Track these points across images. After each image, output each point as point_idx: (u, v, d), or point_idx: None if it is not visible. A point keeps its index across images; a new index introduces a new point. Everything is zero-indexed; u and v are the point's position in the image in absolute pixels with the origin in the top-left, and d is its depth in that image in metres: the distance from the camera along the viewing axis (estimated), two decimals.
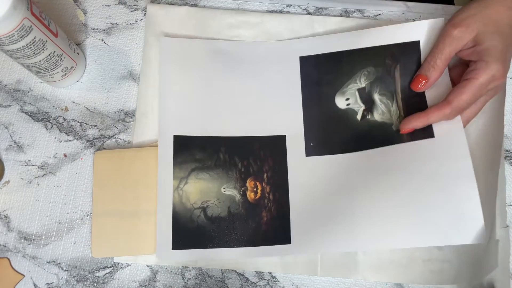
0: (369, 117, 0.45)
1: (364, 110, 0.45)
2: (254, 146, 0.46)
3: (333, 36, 0.48)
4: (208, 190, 0.44)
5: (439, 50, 0.41)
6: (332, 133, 0.46)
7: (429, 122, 0.41)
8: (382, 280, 0.42)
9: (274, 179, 0.45)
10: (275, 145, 0.46)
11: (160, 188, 0.44)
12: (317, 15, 0.50)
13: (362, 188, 0.42)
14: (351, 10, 0.51)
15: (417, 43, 0.45)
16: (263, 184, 0.45)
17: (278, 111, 0.47)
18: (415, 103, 0.44)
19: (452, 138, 0.41)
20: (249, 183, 0.45)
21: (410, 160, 0.42)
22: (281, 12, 0.51)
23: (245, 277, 0.43)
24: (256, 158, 0.46)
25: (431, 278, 0.42)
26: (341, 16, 0.50)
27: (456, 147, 0.41)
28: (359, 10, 0.51)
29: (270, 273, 0.43)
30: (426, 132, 0.42)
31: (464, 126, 0.41)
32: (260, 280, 0.43)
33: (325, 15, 0.50)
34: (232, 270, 0.43)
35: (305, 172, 0.45)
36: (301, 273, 0.43)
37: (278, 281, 0.43)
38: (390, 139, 0.44)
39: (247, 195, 0.44)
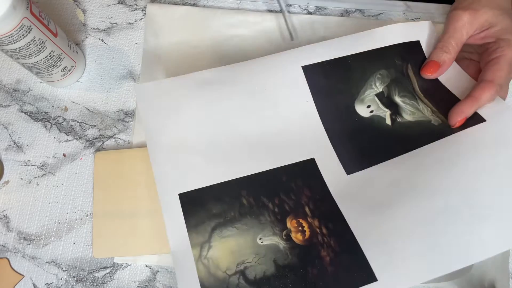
0: (399, 120, 0.41)
1: (391, 114, 0.41)
2: (281, 178, 0.38)
3: (332, 41, 0.44)
4: (240, 248, 0.35)
5: (450, 35, 0.41)
6: (366, 143, 0.40)
7: (480, 106, 0.38)
8: None
9: (319, 210, 0.36)
10: (306, 172, 0.38)
11: (178, 264, 0.34)
12: (317, 14, 0.50)
13: (428, 192, 0.35)
14: (351, 9, 0.51)
15: (417, 43, 0.44)
16: (308, 219, 0.36)
17: (296, 133, 0.40)
18: (441, 97, 0.42)
19: (505, 117, 0.37)
20: (290, 223, 0.36)
21: (471, 149, 0.37)
22: (281, 11, 0.50)
23: None
24: (288, 191, 0.37)
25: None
26: (342, 16, 0.50)
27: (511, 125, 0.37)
28: (360, 10, 0.51)
29: None
30: (475, 118, 0.39)
31: None
32: None
33: (325, 14, 0.50)
34: None
35: (353, 192, 0.37)
36: None
37: None
38: (435, 134, 0.39)
39: (293, 238, 0.35)
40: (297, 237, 0.35)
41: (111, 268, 0.42)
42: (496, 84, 0.38)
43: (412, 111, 0.41)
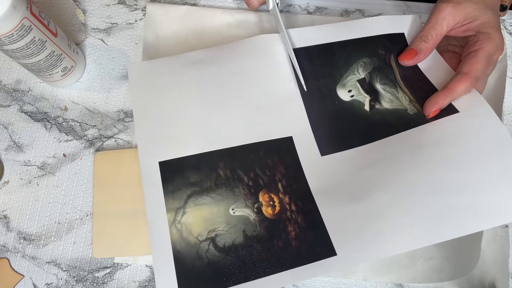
0: (378, 106, 0.42)
1: (370, 100, 0.43)
2: (258, 153, 0.40)
3: (319, 27, 0.45)
4: (213, 216, 0.37)
5: (431, 26, 0.41)
6: (343, 127, 0.42)
7: (455, 98, 0.39)
8: (383, 280, 0.42)
9: (291, 187, 0.38)
10: (283, 149, 0.40)
11: (152, 226, 0.37)
12: (317, 15, 0.50)
13: (395, 177, 0.37)
14: (351, 10, 0.51)
15: (402, 35, 0.45)
16: (280, 195, 0.38)
17: (277, 111, 0.42)
18: (421, 87, 0.43)
19: (478, 110, 0.38)
20: (263, 197, 0.38)
21: (441, 139, 0.38)
22: (281, 12, 0.50)
23: None
24: (263, 167, 0.39)
25: (433, 276, 0.42)
26: (342, 16, 0.50)
27: (484, 117, 0.37)
28: (360, 10, 0.51)
29: None
30: (449, 109, 0.39)
31: None
32: None
33: (325, 14, 0.50)
34: None
35: (325, 173, 0.39)
36: None
37: None
38: (409, 123, 0.40)
39: (263, 211, 0.37)
40: (267, 211, 0.37)
41: (111, 268, 0.42)
42: (471, 77, 0.39)
43: (391, 98, 0.43)
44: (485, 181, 0.35)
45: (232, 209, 0.38)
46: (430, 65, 0.44)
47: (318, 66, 0.44)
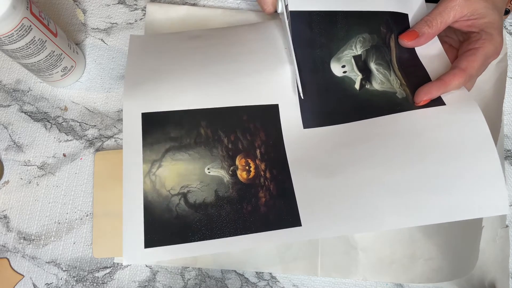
0: (368, 86, 0.42)
1: (362, 79, 0.42)
2: (242, 117, 0.40)
3: None
4: (188, 173, 0.38)
5: (439, 12, 0.41)
6: (330, 102, 0.41)
7: (447, 91, 0.39)
8: (383, 280, 0.42)
9: (269, 155, 0.39)
10: (267, 116, 0.40)
11: (127, 174, 0.37)
12: None
13: (372, 159, 0.37)
14: None
15: (406, 16, 0.44)
16: (256, 161, 0.39)
17: (267, 77, 0.41)
18: (413, 72, 0.42)
19: (464, 105, 0.39)
20: (240, 161, 0.38)
21: (424, 128, 0.38)
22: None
23: (245, 278, 0.43)
24: (245, 131, 0.39)
25: (432, 277, 0.42)
26: None
27: (470, 113, 0.38)
28: None
29: (270, 273, 0.43)
30: (437, 101, 0.40)
31: None
32: (260, 281, 0.43)
33: None
34: (232, 270, 0.43)
35: (304, 145, 0.39)
36: (301, 273, 0.42)
37: (278, 281, 0.43)
38: (396, 106, 0.40)
39: (238, 175, 0.38)
40: (242, 175, 0.38)
41: (111, 268, 0.42)
42: (467, 74, 0.39)
43: (382, 80, 0.42)
44: (460, 176, 0.35)
45: (208, 169, 0.38)
46: (429, 52, 0.43)
47: (317, 34, 0.42)
